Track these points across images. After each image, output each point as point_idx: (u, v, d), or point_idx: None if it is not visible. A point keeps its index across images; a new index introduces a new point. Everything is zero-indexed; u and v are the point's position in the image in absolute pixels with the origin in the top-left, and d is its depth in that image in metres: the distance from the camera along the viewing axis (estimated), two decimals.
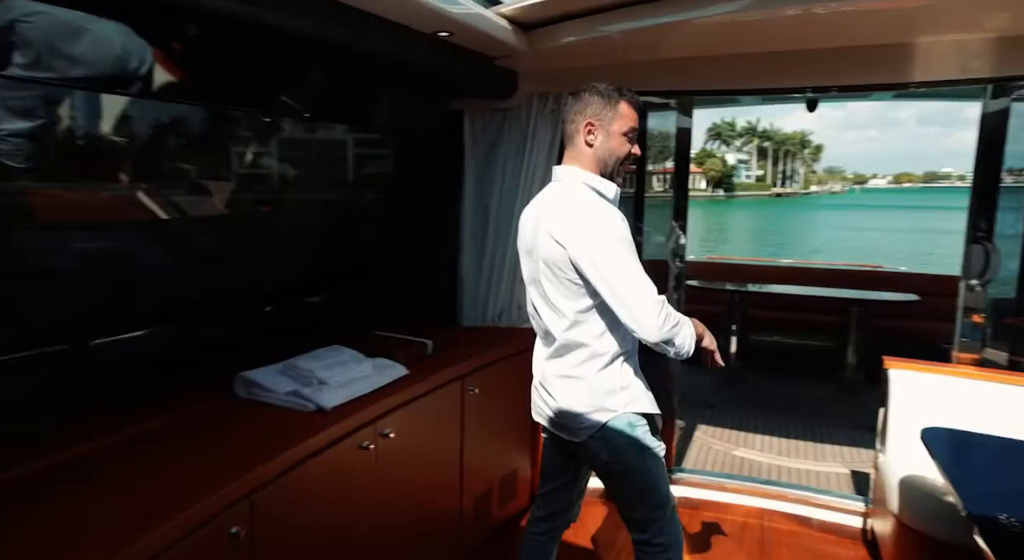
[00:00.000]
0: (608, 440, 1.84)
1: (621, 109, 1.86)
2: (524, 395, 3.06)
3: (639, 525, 1.95)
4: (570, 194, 1.85)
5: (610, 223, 1.74)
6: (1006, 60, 2.61)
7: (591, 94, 1.87)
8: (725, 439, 4.03)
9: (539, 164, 3.10)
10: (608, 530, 3.03)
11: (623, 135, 1.86)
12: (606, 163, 1.88)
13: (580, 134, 1.87)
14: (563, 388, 1.90)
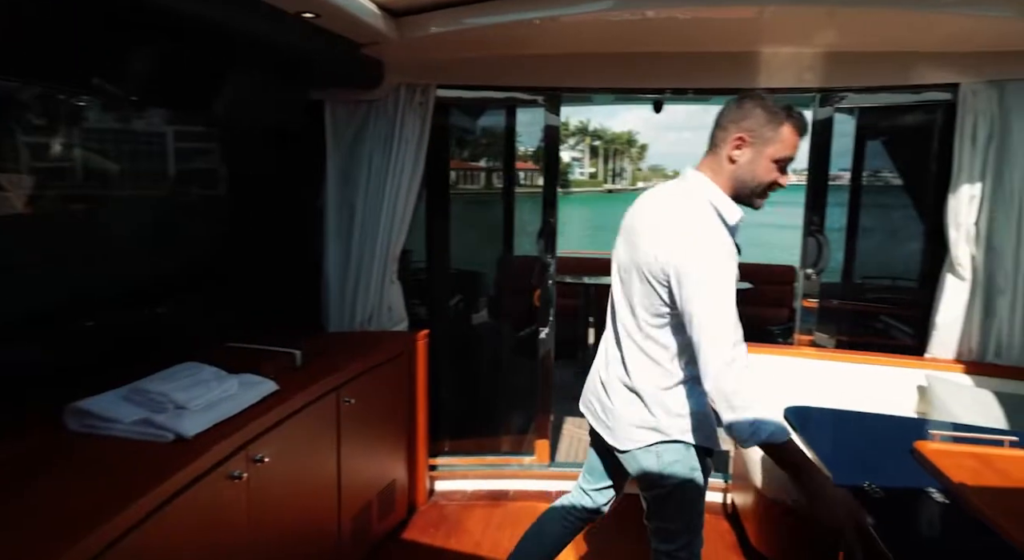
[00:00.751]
0: (660, 456, 1.76)
1: (783, 132, 1.63)
2: (400, 401, 2.95)
3: (668, 536, 1.85)
4: (690, 209, 1.68)
5: (718, 255, 1.57)
6: (831, 73, 2.91)
7: (754, 105, 1.65)
8: (580, 427, 4.15)
9: (407, 160, 2.96)
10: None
11: (775, 162, 1.66)
12: (745, 185, 1.69)
13: (727, 145, 1.67)
14: (623, 397, 1.80)
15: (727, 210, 1.69)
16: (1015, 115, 2.65)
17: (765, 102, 1.65)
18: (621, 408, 1.81)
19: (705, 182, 1.71)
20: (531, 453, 3.43)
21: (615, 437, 1.85)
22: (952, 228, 2.74)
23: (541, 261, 3.29)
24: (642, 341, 1.76)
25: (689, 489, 1.78)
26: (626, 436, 1.81)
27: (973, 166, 2.69)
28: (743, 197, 1.71)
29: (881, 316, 3.27)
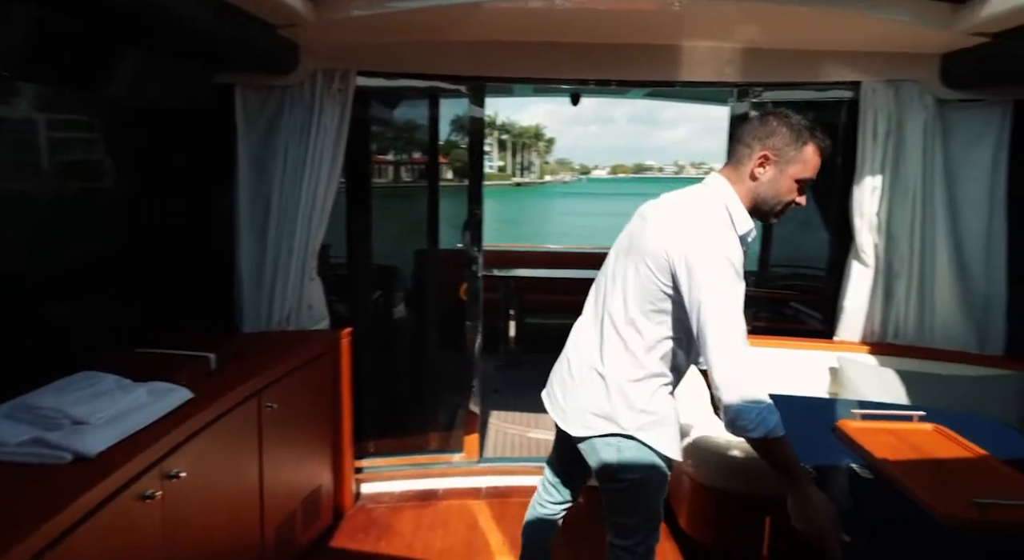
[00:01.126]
0: (621, 451, 1.73)
1: (807, 153, 1.65)
2: (324, 403, 2.81)
3: (624, 531, 1.83)
4: (706, 208, 1.68)
5: (731, 254, 1.58)
6: (748, 68, 3.01)
7: (780, 124, 1.66)
8: (518, 422, 4.14)
9: (326, 151, 2.81)
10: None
11: (796, 181, 1.67)
12: (765, 202, 1.70)
13: (750, 162, 1.68)
14: (589, 382, 1.76)
15: (739, 218, 1.69)
16: (909, 113, 2.84)
17: (790, 120, 1.66)
18: (582, 393, 1.78)
19: (727, 189, 1.71)
20: (459, 450, 3.37)
21: (568, 421, 1.82)
22: (857, 218, 2.91)
23: (468, 254, 3.23)
24: (624, 329, 1.72)
25: (648, 485, 1.77)
26: (580, 422, 1.78)
27: (874, 160, 2.86)
28: (760, 213, 1.73)
29: (792, 303, 3.45)
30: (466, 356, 3.34)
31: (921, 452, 1.85)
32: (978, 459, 1.80)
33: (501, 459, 3.47)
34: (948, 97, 2.84)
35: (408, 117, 3.70)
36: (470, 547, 2.80)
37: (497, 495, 3.25)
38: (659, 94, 4.42)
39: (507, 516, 3.04)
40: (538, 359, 5.49)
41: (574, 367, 1.85)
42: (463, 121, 3.30)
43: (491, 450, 3.64)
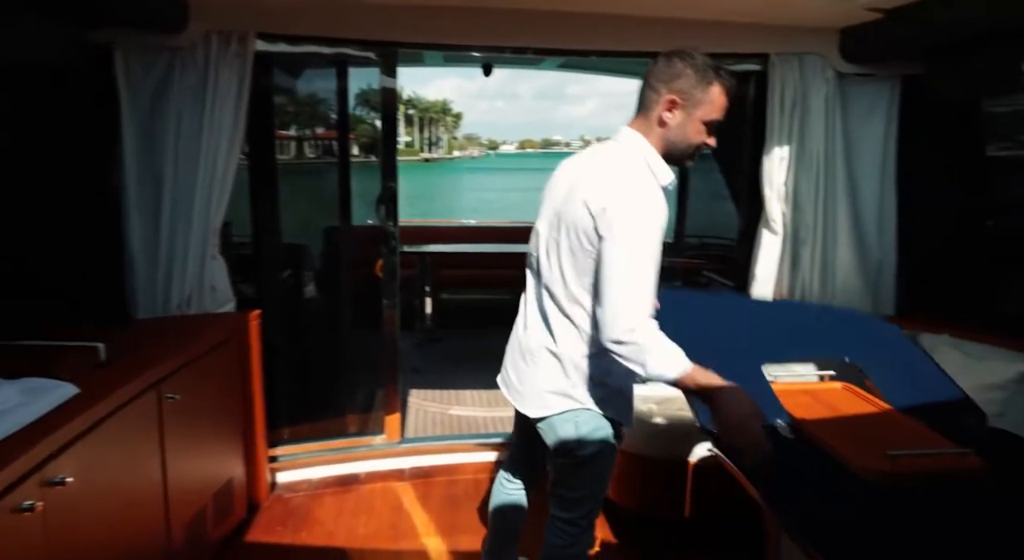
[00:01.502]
0: (579, 426, 1.69)
1: (713, 93, 1.59)
2: (233, 391, 2.63)
3: (569, 504, 1.81)
4: (624, 167, 1.61)
5: (651, 216, 1.53)
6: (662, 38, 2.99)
7: (686, 65, 1.59)
8: (438, 400, 4.08)
9: (225, 121, 2.58)
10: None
11: (704, 123, 1.61)
12: (676, 147, 1.64)
13: (658, 107, 1.61)
14: (544, 362, 1.71)
15: (660, 171, 1.65)
16: (812, 86, 2.95)
17: (695, 61, 1.60)
18: (539, 374, 1.73)
19: (639, 141, 1.66)
20: (380, 432, 3.27)
21: (525, 403, 1.78)
22: (767, 188, 3.01)
23: (383, 230, 3.09)
24: (569, 307, 1.67)
25: (603, 459, 1.76)
26: (539, 403, 1.74)
27: (782, 131, 2.96)
28: (673, 159, 1.68)
29: (705, 272, 3.55)
30: (383, 335, 3.22)
31: (834, 409, 1.95)
32: (883, 413, 1.91)
33: (423, 439, 3.40)
34: (846, 71, 2.96)
35: (315, 88, 3.49)
36: (395, 530, 2.73)
37: (421, 475, 3.18)
38: (573, 65, 4.39)
39: (432, 496, 2.99)
40: (455, 335, 5.48)
41: (525, 348, 1.79)
42: (370, 95, 3.15)
43: (412, 430, 3.56)
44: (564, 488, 1.82)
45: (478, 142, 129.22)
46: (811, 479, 1.63)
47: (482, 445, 3.34)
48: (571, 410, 1.70)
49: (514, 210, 27.11)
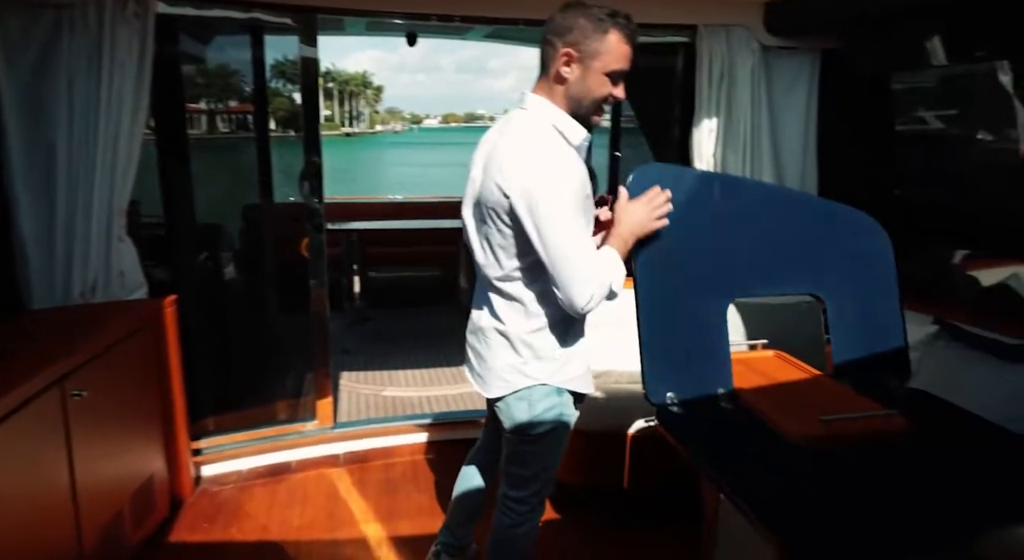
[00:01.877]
0: (533, 405, 1.68)
1: (610, 41, 1.50)
2: (148, 383, 2.45)
3: (520, 482, 1.79)
4: (529, 134, 1.56)
5: (564, 179, 1.49)
6: None
7: (578, 14, 1.50)
8: (371, 381, 3.97)
9: (126, 90, 2.35)
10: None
11: (606, 74, 1.53)
12: (579, 104, 1.56)
13: (555, 63, 1.53)
14: (495, 342, 1.69)
15: (571, 131, 1.59)
16: (739, 58, 2.98)
17: (589, 10, 1.51)
18: (491, 354, 1.71)
19: (544, 104, 1.59)
20: (312, 417, 3.15)
21: (485, 385, 1.76)
22: (696, 159, 3.04)
23: (307, 207, 2.93)
24: (506, 286, 1.65)
25: (556, 437, 1.75)
26: (495, 383, 1.72)
27: (711, 103, 2.99)
28: (580, 116, 1.60)
29: None
30: (312, 317, 3.08)
31: (769, 377, 1.99)
32: (814, 379, 1.97)
33: (357, 423, 3.29)
34: (771, 44, 3.01)
35: (228, 57, 3.26)
36: (333, 518, 2.65)
37: (357, 461, 3.09)
38: (500, 35, 4.27)
39: (369, 481, 2.91)
40: (386, 314, 5.35)
41: (477, 329, 1.77)
42: (286, 65, 2.96)
43: (345, 414, 3.45)
44: (517, 466, 1.80)
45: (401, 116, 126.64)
46: (749, 446, 1.66)
47: (419, 426, 3.27)
48: (526, 388, 1.68)
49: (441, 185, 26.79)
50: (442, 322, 5.28)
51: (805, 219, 1.92)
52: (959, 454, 1.65)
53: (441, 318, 5.37)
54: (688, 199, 1.71)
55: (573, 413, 1.78)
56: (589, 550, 2.51)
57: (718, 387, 1.84)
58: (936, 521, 1.38)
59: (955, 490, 1.48)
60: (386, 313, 5.37)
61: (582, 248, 1.51)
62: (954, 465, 1.59)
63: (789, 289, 1.95)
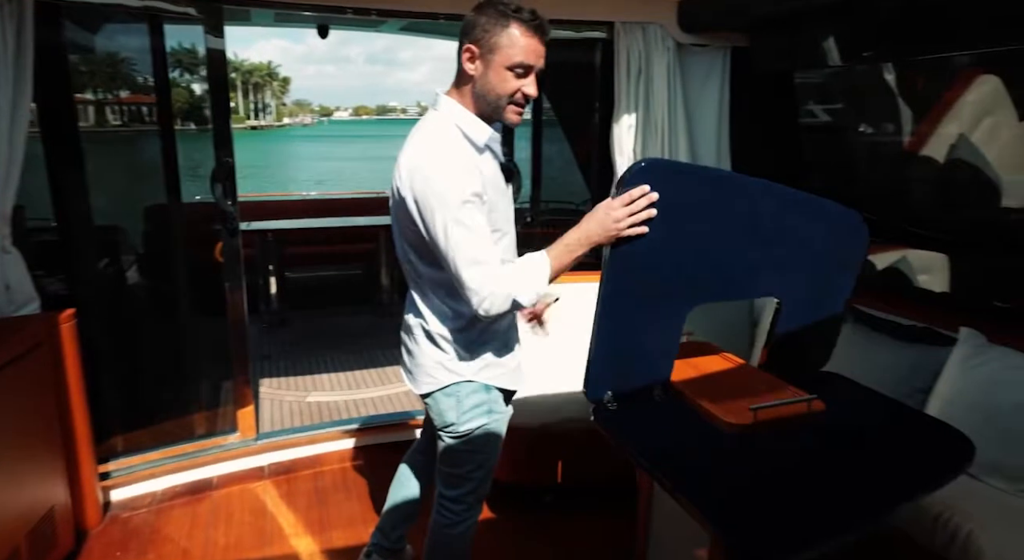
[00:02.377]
0: (460, 400, 1.69)
1: (512, 35, 1.46)
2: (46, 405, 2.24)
3: (454, 481, 1.79)
4: (426, 137, 1.56)
5: (451, 183, 1.46)
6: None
7: (480, 12, 1.49)
8: (293, 387, 3.82)
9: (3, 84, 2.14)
10: None
11: (508, 69, 1.49)
12: (486, 101, 1.53)
13: (462, 60, 1.53)
14: (421, 339, 1.71)
15: (474, 130, 1.57)
16: (655, 54, 3.04)
17: (491, 6, 1.49)
18: (419, 351, 1.72)
19: (451, 104, 1.59)
20: (233, 429, 2.99)
21: (415, 382, 1.76)
22: (617, 154, 3.09)
23: (220, 208, 2.77)
24: (425, 285, 1.65)
25: (485, 434, 1.73)
26: (423, 379, 1.72)
27: (629, 98, 3.03)
28: (491, 114, 1.57)
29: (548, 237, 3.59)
30: (228, 323, 2.92)
31: (698, 368, 2.05)
32: (740, 368, 2.04)
33: (282, 432, 3.15)
34: (684, 41, 3.09)
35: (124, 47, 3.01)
36: (261, 534, 2.52)
37: (283, 471, 2.96)
38: (416, 28, 4.19)
39: (298, 492, 2.80)
40: (306, 316, 5.17)
41: (407, 327, 1.78)
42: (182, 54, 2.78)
43: (268, 424, 3.30)
44: (450, 465, 1.79)
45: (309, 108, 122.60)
46: (682, 437, 1.71)
47: (346, 432, 3.17)
48: (453, 384, 1.68)
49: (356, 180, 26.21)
50: (364, 322, 5.15)
51: (798, 222, 1.80)
52: (870, 432, 1.76)
53: (363, 318, 5.25)
54: (681, 201, 1.54)
55: (503, 410, 1.78)
56: (526, 547, 2.51)
57: (655, 382, 1.87)
58: (853, 496, 1.46)
59: (868, 466, 1.58)
60: (305, 315, 5.19)
61: (471, 254, 1.47)
62: (866, 443, 1.70)
63: (759, 295, 1.85)
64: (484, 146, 1.60)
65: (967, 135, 2.81)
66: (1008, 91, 2.60)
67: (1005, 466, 2.04)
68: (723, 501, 1.45)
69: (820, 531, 1.35)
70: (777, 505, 1.43)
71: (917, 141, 3.05)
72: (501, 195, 1.67)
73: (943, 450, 1.67)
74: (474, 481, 1.80)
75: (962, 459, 1.62)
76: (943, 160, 2.93)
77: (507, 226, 1.71)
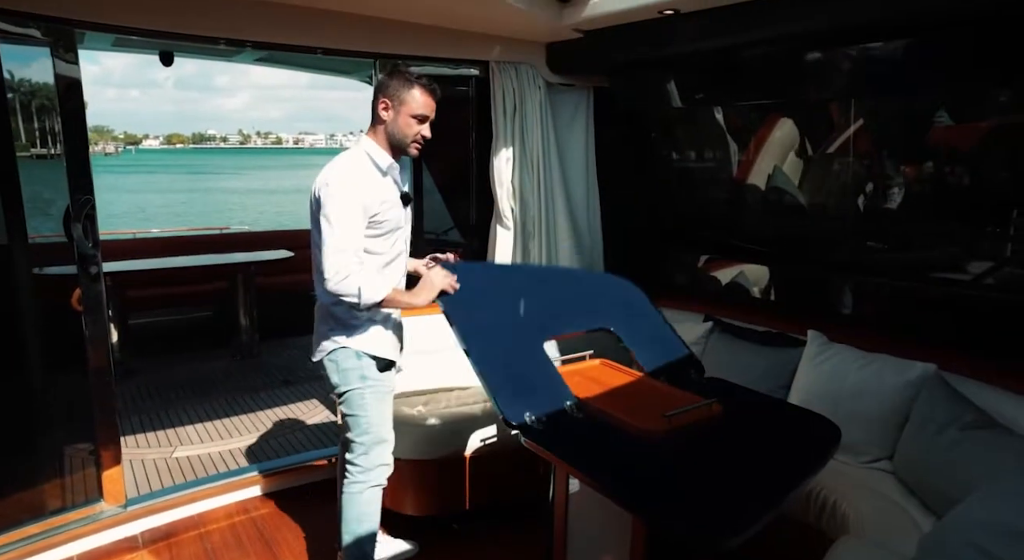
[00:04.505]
0: (337, 364, 2.13)
1: (414, 94, 2.07)
2: None
3: (350, 446, 2.19)
4: (345, 158, 2.09)
5: (350, 188, 1.99)
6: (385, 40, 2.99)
7: (393, 76, 2.09)
8: (155, 444, 3.48)
9: None
10: None
11: (412, 117, 2.07)
12: (395, 138, 2.10)
13: (377, 109, 2.09)
14: (317, 316, 2.20)
15: (379, 158, 2.09)
16: (528, 92, 3.25)
17: (402, 73, 2.10)
18: (316, 326, 2.19)
19: (368, 140, 2.13)
20: (98, 497, 2.65)
21: (313, 353, 2.19)
22: (497, 186, 3.23)
23: (79, 251, 2.49)
24: (317, 268, 2.04)
25: (361, 397, 2.14)
26: (317, 349, 2.17)
27: (507, 133, 3.20)
28: (399, 148, 2.12)
29: None
30: (89, 379, 2.61)
31: (602, 384, 2.21)
32: (640, 381, 2.23)
33: (154, 495, 2.84)
34: (553, 81, 3.33)
35: None
36: None
37: (161, 538, 2.68)
38: (275, 59, 4.06)
39: (183, 558, 2.55)
40: (155, 365, 4.69)
41: (315, 311, 2.21)
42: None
43: (133, 487, 2.97)
44: (345, 431, 2.20)
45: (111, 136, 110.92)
46: (604, 445, 1.84)
47: (229, 485, 2.95)
48: (333, 350, 2.13)
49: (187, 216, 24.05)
50: (221, 367, 4.80)
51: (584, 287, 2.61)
52: (761, 427, 2.02)
53: (219, 362, 4.89)
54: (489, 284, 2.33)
55: (377, 377, 2.16)
56: None
57: (564, 401, 2.00)
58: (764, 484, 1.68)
59: (768, 457, 1.83)
60: (154, 363, 4.72)
61: (340, 244, 1.96)
62: (760, 437, 1.95)
63: (585, 328, 2.38)
64: (386, 170, 2.10)
65: (779, 166, 3.31)
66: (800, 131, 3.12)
67: (850, 443, 2.41)
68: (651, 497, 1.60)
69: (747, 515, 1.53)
70: (706, 497, 1.61)
71: (742, 171, 3.52)
72: (396, 212, 2.12)
73: (819, 436, 1.96)
74: (363, 446, 2.16)
75: (833, 441, 1.93)
76: (764, 187, 3.41)
77: (402, 243, 2.21)
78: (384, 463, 2.21)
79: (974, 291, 2.56)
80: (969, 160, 2.52)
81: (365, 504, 2.18)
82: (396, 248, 2.17)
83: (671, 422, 1.84)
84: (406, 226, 2.22)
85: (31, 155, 2.63)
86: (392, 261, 2.16)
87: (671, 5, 2.53)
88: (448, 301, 2.11)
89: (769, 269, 3.40)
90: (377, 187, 2.06)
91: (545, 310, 2.29)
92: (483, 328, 2.10)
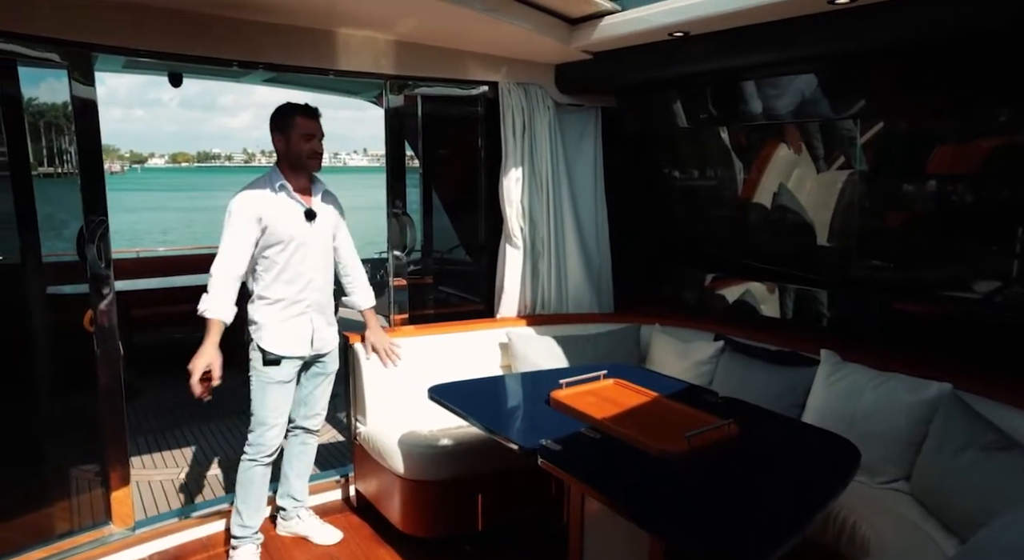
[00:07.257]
0: (250, 353, 2.55)
1: (296, 120, 2.46)
2: None
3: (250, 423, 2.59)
4: (251, 183, 2.50)
5: (239, 201, 2.43)
6: (398, 62, 3.03)
7: (276, 115, 2.48)
8: (163, 465, 3.46)
9: None
10: None
11: (301, 137, 2.46)
12: (293, 158, 2.49)
13: (275, 144, 2.50)
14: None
15: (274, 178, 2.48)
16: (537, 112, 3.27)
17: (281, 109, 2.48)
18: None
19: (273, 166, 2.54)
20: (106, 520, 2.63)
21: None
22: (506, 206, 3.24)
23: (92, 271, 2.50)
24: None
25: (254, 384, 2.55)
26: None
27: (516, 153, 3.22)
28: (299, 167, 2.49)
29: (440, 287, 3.66)
30: (101, 394, 2.62)
31: (618, 404, 2.19)
32: (656, 401, 2.22)
33: (163, 517, 2.82)
34: (562, 101, 3.36)
35: None
36: None
37: None
38: (283, 80, 4.09)
39: None
40: (160, 384, 4.66)
41: None
42: None
43: (141, 509, 2.94)
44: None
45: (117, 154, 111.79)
46: (623, 466, 1.82)
47: (219, 512, 2.89)
48: (250, 342, 2.55)
49: (191, 233, 24.01)
50: (227, 385, 4.73)
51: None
52: (781, 448, 2.01)
53: (226, 381, 4.83)
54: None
55: (260, 369, 2.53)
56: None
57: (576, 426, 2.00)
58: (788, 508, 1.65)
59: (789, 479, 1.81)
60: (160, 382, 4.71)
61: (222, 249, 2.41)
62: (781, 458, 1.93)
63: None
64: (278, 187, 2.47)
65: (784, 183, 3.31)
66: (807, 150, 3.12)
67: (866, 463, 2.38)
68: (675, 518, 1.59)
69: (771, 539, 1.50)
70: (728, 519, 1.59)
71: (748, 189, 3.52)
72: (292, 225, 2.46)
73: (838, 457, 1.94)
74: (255, 426, 2.55)
75: (853, 462, 1.90)
76: (770, 205, 3.41)
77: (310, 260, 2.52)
78: (264, 444, 2.54)
79: (984, 309, 2.55)
80: (975, 178, 2.53)
81: (247, 477, 2.56)
82: (298, 266, 2.48)
83: (690, 443, 1.82)
84: (312, 242, 2.51)
85: (38, 174, 2.65)
86: (293, 278, 2.48)
87: (681, 27, 2.55)
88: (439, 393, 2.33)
89: (777, 287, 3.39)
90: (270, 202, 2.44)
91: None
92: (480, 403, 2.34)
